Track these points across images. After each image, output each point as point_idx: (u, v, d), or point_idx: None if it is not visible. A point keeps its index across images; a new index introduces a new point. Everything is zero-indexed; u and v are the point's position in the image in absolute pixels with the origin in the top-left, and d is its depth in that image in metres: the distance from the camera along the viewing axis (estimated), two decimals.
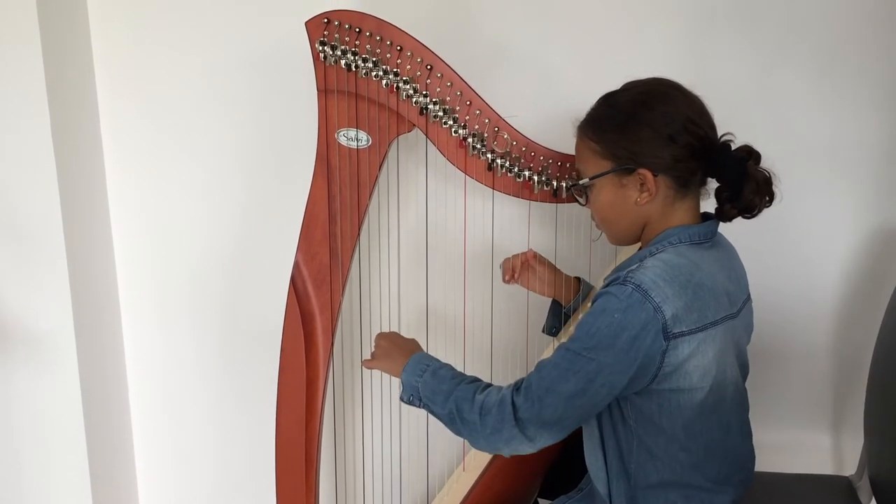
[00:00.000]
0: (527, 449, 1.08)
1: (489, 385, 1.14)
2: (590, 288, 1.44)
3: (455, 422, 1.12)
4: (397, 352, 1.25)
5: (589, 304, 1.40)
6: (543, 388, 1.05)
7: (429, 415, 1.17)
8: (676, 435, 1.08)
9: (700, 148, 1.08)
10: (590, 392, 1.03)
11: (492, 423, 1.07)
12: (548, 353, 1.42)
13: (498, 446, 1.09)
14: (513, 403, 1.07)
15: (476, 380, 1.17)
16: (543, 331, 1.48)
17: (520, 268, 1.41)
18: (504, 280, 1.42)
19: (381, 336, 1.30)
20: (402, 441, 1.66)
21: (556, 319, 1.45)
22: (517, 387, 1.09)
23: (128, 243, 1.71)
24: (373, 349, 1.31)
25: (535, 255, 1.42)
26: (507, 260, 1.43)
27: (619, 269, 1.11)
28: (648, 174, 1.07)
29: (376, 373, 1.64)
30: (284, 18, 1.53)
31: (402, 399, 1.21)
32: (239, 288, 1.71)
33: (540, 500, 1.44)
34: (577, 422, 1.08)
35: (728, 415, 1.13)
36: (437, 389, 1.15)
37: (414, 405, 1.20)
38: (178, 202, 1.68)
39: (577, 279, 1.44)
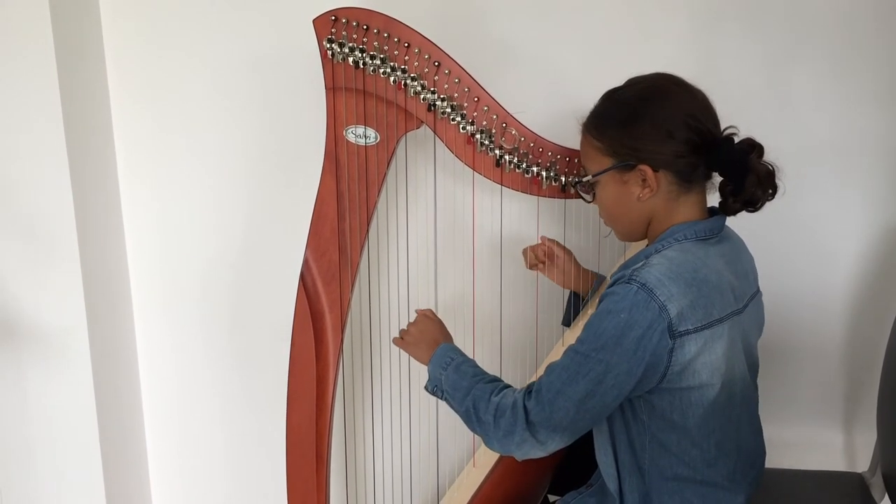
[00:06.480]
0: (538, 452, 1.09)
1: (507, 386, 1.14)
2: (602, 280, 1.45)
3: (471, 420, 1.14)
4: (426, 341, 1.27)
5: (598, 301, 1.41)
6: (554, 391, 1.05)
7: (438, 412, 1.17)
8: (689, 431, 1.08)
9: (700, 143, 1.07)
10: (599, 394, 1.03)
11: (504, 425, 1.08)
12: (556, 351, 1.43)
13: (510, 449, 1.10)
14: (524, 407, 1.07)
15: (496, 379, 1.17)
16: (563, 323, 1.49)
17: (545, 259, 1.43)
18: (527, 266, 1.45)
19: (412, 323, 1.31)
20: (412, 437, 1.66)
21: (575, 311, 1.46)
22: (528, 391, 1.09)
23: (140, 241, 1.72)
24: (401, 329, 1.32)
25: (558, 246, 1.43)
26: (529, 249, 1.45)
27: (624, 266, 1.11)
28: (648, 170, 1.07)
29: (385, 370, 1.65)
30: (292, 17, 1.54)
31: (426, 389, 1.23)
32: (249, 285, 1.72)
33: (550, 496, 1.44)
34: (589, 424, 1.08)
35: (738, 411, 1.13)
36: (458, 385, 1.16)
37: (437, 396, 1.21)
38: (189, 200, 1.69)
39: (594, 274, 1.45)
